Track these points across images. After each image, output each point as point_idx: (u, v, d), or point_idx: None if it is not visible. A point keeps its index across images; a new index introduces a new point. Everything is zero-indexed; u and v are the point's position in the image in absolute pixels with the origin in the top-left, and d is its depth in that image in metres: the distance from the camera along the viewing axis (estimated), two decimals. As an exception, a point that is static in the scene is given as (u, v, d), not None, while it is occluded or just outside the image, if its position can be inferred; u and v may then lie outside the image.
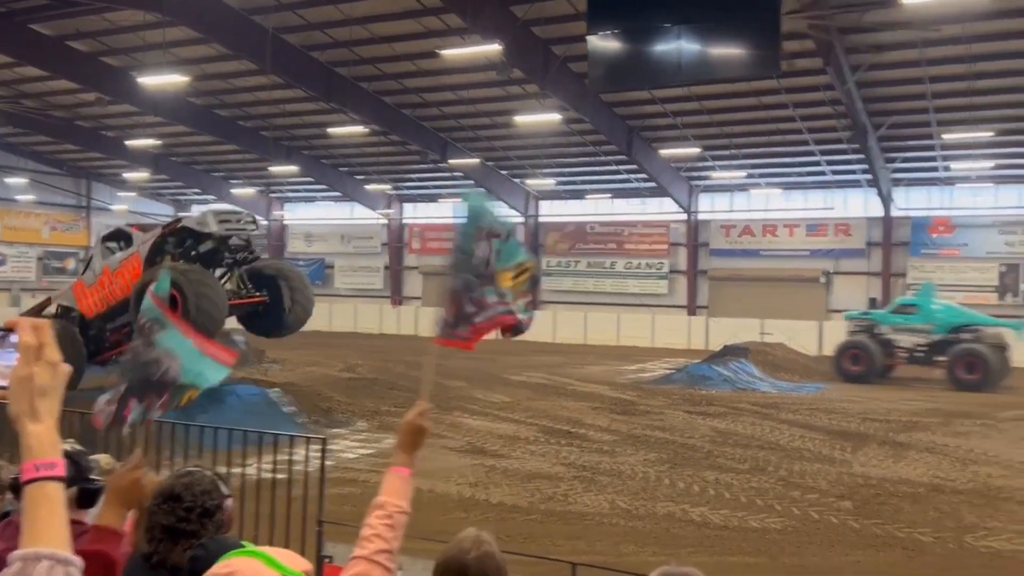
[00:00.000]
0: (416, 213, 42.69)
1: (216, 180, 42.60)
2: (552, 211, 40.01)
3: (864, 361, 25.06)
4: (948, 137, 26.36)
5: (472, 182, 36.84)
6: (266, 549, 2.12)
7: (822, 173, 32.98)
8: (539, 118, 26.58)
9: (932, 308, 25.02)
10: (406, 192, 41.39)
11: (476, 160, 34.11)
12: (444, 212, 41.63)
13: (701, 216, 36.92)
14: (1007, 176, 30.92)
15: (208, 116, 32.16)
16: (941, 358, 24.54)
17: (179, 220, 15.36)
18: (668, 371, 25.42)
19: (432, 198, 41.08)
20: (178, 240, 14.95)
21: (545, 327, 37.53)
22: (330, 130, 30.19)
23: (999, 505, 11.12)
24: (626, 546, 9.25)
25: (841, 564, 8.90)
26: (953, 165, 29.69)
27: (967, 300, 32.27)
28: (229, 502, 2.52)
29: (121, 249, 15.53)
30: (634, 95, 26.96)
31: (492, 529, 8.55)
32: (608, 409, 18.41)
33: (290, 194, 44.73)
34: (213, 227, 14.72)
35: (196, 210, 47.53)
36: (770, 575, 8.52)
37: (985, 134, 25.41)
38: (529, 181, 37.39)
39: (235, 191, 42.47)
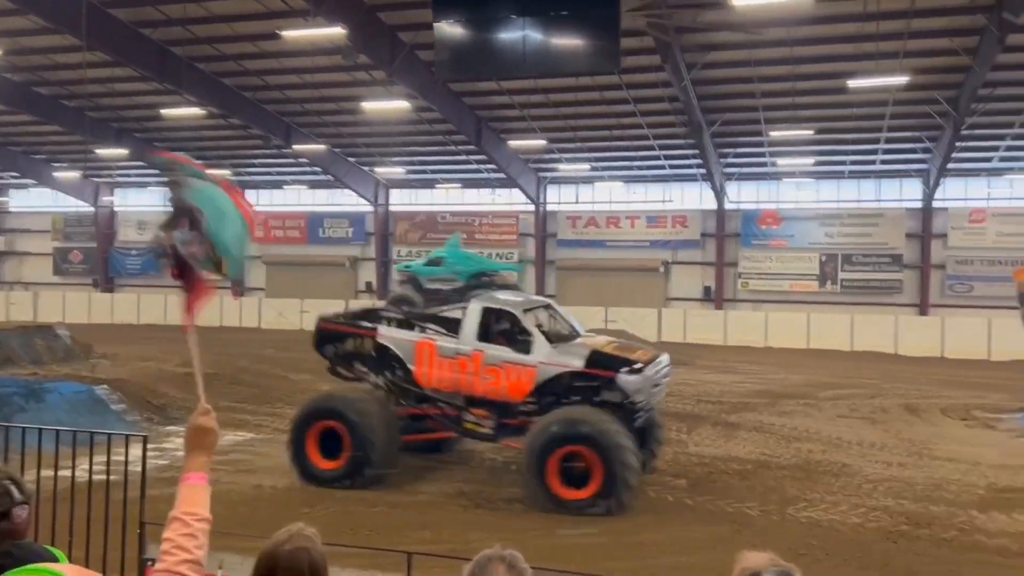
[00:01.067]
0: (260, 200, 41.22)
1: (36, 163, 39.44)
2: (402, 200, 39.67)
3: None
4: (774, 135, 28.09)
5: (319, 169, 35.98)
6: (55, 566, 2.05)
7: (661, 167, 34.36)
8: (387, 105, 26.21)
9: (455, 259, 27.64)
10: (248, 178, 39.86)
11: (323, 146, 33.27)
12: (289, 199, 40.59)
13: (549, 207, 37.65)
14: (826, 172, 33.32)
15: (26, 94, 29.70)
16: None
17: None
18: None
19: (277, 184, 39.86)
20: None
21: (395, 317, 37.26)
22: (164, 112, 28.56)
23: (817, 478, 11.98)
24: (473, 533, 9.30)
25: (676, 539, 9.31)
26: (779, 161, 31.67)
27: (792, 288, 34.68)
28: (21, 509, 2.33)
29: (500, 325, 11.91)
30: (482, 85, 27.09)
31: (337, 522, 8.33)
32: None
33: (120, 179, 42.03)
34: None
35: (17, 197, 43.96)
36: (610, 552, 8.79)
37: (806, 132, 27.26)
38: (378, 169, 36.89)
39: (58, 175, 39.50)
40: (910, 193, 33.26)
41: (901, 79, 20.95)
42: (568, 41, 14.95)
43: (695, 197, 35.63)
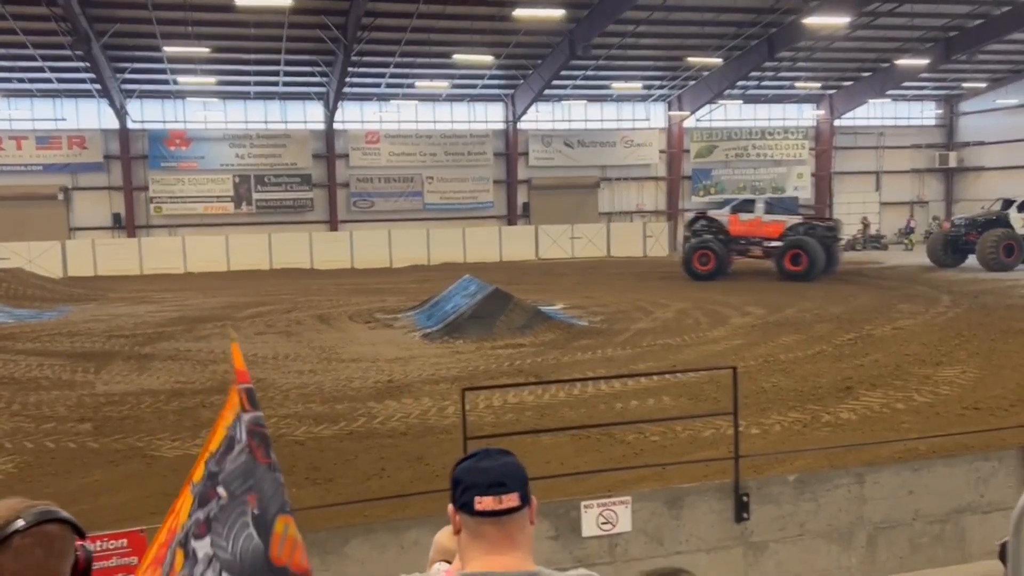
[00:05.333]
0: None
1: None
2: None
3: None
4: (170, 50, 26.77)
5: None
6: None
7: (48, 80, 30.42)
8: None
9: None
10: None
11: None
12: None
13: (-101, 125, 30.77)
14: (231, 92, 33.11)
15: None
16: None
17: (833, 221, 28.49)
18: None
19: None
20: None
21: None
22: None
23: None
24: None
25: (78, 487, 8.58)
26: (180, 79, 30.43)
27: (207, 210, 34.15)
28: None
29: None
30: None
31: None
32: None
33: None
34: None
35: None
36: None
37: (203, 50, 26.48)
38: None
39: None
40: (313, 116, 35.00)
41: (287, 1, 21.53)
42: None
43: (93, 116, 32.50)
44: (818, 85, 37.56)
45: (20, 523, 1.75)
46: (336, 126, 34.78)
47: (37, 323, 20.00)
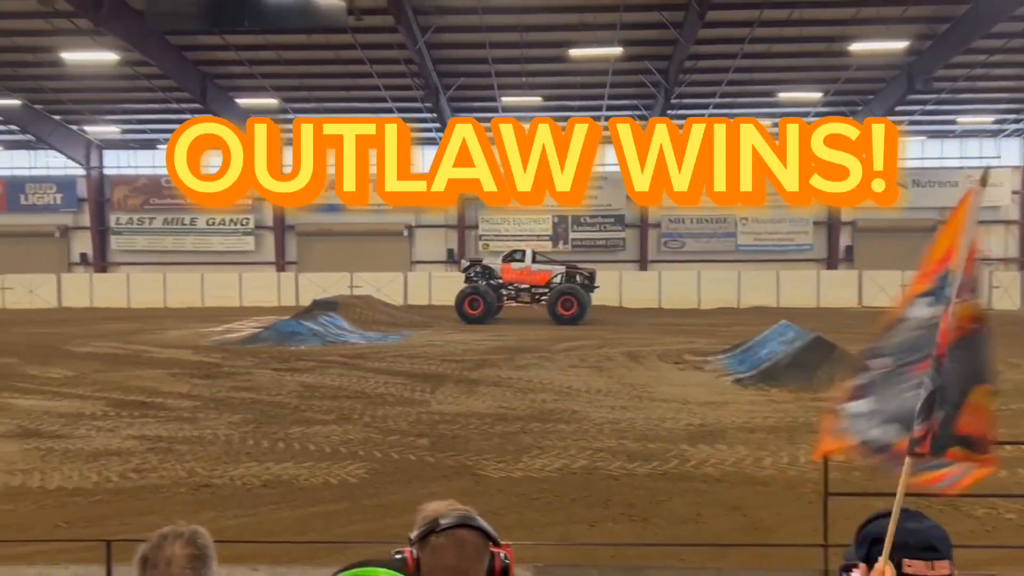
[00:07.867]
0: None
1: None
2: (119, 162, 36.38)
3: None
4: (506, 100, 28.96)
5: (16, 128, 31.97)
6: None
7: (401, 130, 34.24)
8: (93, 57, 23.75)
9: None
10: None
11: (17, 101, 29.54)
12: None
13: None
14: (556, 137, 34.93)
15: None
16: None
17: (590, 271, 29.82)
18: (256, 330, 24.81)
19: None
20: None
21: (117, 291, 34.34)
22: None
23: (550, 426, 12.65)
24: (205, 513, 8.81)
25: (418, 497, 9.30)
26: (513, 126, 32.74)
27: (528, 246, 36.22)
28: None
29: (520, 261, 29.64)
30: (205, 39, 25.32)
31: (48, 517, 7.47)
32: (190, 374, 17.43)
33: None
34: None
35: None
36: (350, 517, 8.72)
37: (535, 99, 28.37)
38: (89, 128, 33.48)
39: None
40: (630, 157, 35.75)
41: (617, 50, 22.35)
42: (290, -5, 14.34)
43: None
44: None
45: (439, 524, 1.98)
46: (652, 167, 35.26)
47: (383, 345, 22.44)
